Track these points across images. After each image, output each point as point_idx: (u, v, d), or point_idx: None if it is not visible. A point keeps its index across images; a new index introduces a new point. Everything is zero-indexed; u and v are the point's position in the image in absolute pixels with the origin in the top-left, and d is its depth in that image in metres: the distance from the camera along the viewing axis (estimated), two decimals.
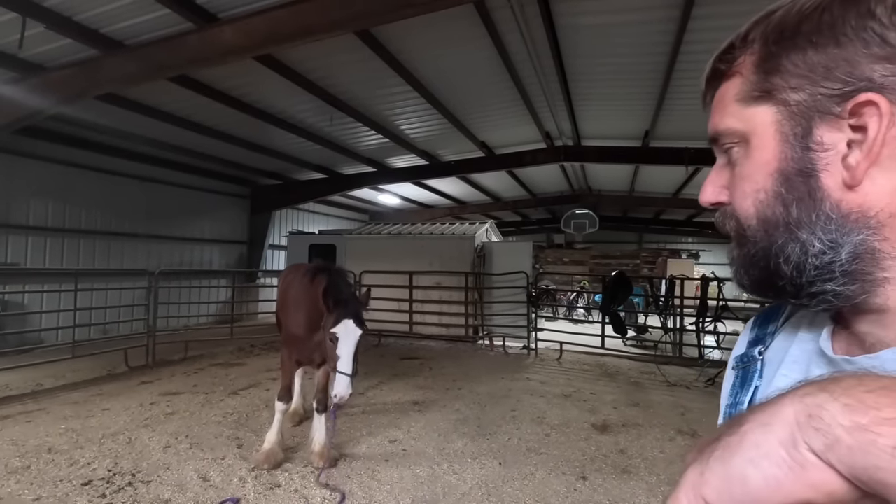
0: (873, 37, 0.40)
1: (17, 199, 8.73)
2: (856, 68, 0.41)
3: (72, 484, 3.60)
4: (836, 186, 0.43)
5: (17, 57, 5.76)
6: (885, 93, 0.40)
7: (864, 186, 0.41)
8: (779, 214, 0.46)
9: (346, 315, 3.30)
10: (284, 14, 4.86)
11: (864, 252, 0.42)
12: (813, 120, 0.43)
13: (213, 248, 13.19)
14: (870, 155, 0.40)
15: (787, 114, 0.45)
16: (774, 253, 0.46)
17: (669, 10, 5.27)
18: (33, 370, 6.63)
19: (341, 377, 3.21)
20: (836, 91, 0.42)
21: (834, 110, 0.42)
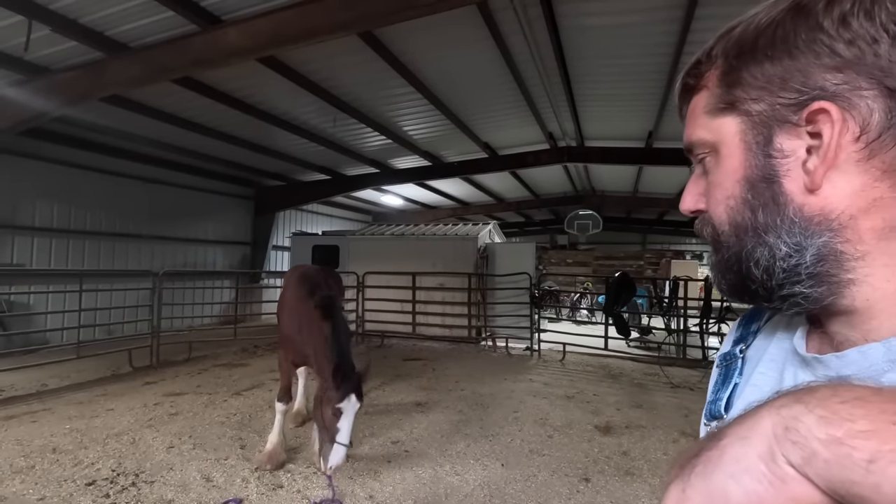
0: (823, 48, 0.42)
1: (22, 200, 8.79)
2: (809, 78, 0.43)
3: (76, 484, 3.62)
4: (798, 191, 0.44)
5: (22, 59, 5.80)
6: (836, 100, 0.41)
7: (825, 190, 0.43)
8: (747, 219, 0.47)
9: (350, 389, 3.33)
10: (288, 16, 4.88)
11: (828, 254, 0.43)
12: (773, 129, 0.45)
13: (217, 249, 13.24)
14: (826, 160, 0.42)
15: (750, 123, 0.47)
16: (745, 257, 0.48)
17: (672, 11, 5.26)
18: (38, 370, 6.67)
19: (339, 448, 3.23)
20: (792, 101, 0.44)
21: (791, 119, 0.44)
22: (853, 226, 0.42)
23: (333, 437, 3.26)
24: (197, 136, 9.23)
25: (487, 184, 15.42)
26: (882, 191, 0.42)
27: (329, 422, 3.31)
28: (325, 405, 3.34)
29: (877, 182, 0.42)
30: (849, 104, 0.41)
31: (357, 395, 3.34)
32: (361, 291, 10.65)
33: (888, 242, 0.42)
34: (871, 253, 0.42)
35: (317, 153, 11.08)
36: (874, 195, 0.42)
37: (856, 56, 0.41)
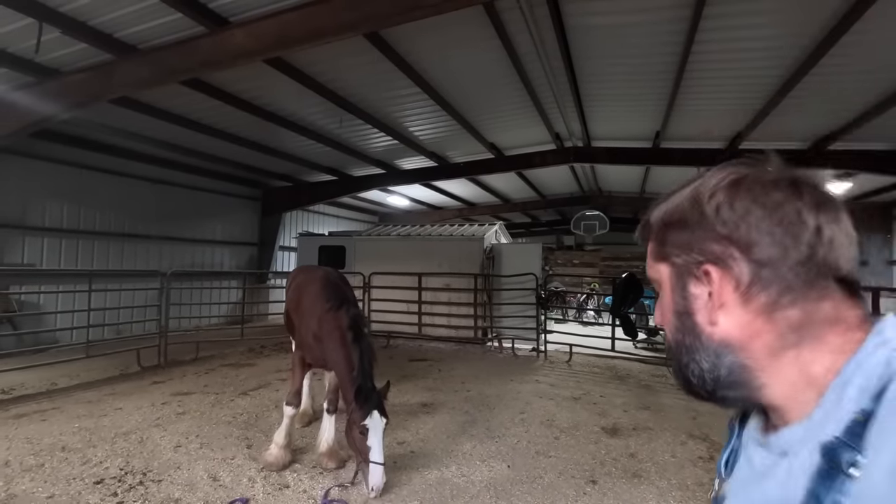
0: (709, 227, 0.59)
1: (33, 201, 8.89)
2: (703, 246, 0.60)
3: (84, 482, 3.64)
4: (705, 323, 0.61)
5: (33, 62, 5.87)
6: (718, 263, 0.59)
7: (721, 324, 0.59)
8: (680, 340, 0.64)
9: (373, 407, 3.39)
10: (294, 17, 4.90)
11: (738, 368, 0.59)
12: (686, 277, 0.62)
13: (224, 250, 13.32)
14: (715, 304, 0.59)
15: (675, 271, 0.64)
16: (684, 367, 0.64)
17: (680, 10, 5.22)
18: (48, 369, 6.74)
19: (375, 468, 3.27)
20: (694, 260, 0.61)
21: (696, 272, 0.61)
22: (749, 348, 0.58)
23: (367, 456, 3.31)
24: (205, 137, 9.29)
25: (493, 184, 15.40)
26: (759, 325, 0.57)
27: (359, 442, 3.37)
28: (352, 427, 3.41)
29: (755, 319, 0.57)
30: (726, 266, 0.58)
31: (380, 412, 3.40)
32: (367, 292, 10.67)
33: (775, 359, 0.57)
34: (767, 367, 0.57)
35: (323, 154, 11.12)
36: (755, 328, 0.57)
37: (728, 233, 0.58)
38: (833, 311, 0.55)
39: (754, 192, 0.58)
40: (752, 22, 5.32)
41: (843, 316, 0.55)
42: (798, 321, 0.56)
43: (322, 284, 4.09)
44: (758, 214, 0.57)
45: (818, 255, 0.55)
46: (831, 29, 5.19)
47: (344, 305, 3.86)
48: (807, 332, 0.56)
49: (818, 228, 0.56)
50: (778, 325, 0.56)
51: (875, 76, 6.24)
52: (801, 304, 0.55)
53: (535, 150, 11.35)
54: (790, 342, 0.56)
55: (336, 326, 3.75)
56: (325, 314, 3.85)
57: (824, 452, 0.51)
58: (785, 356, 0.56)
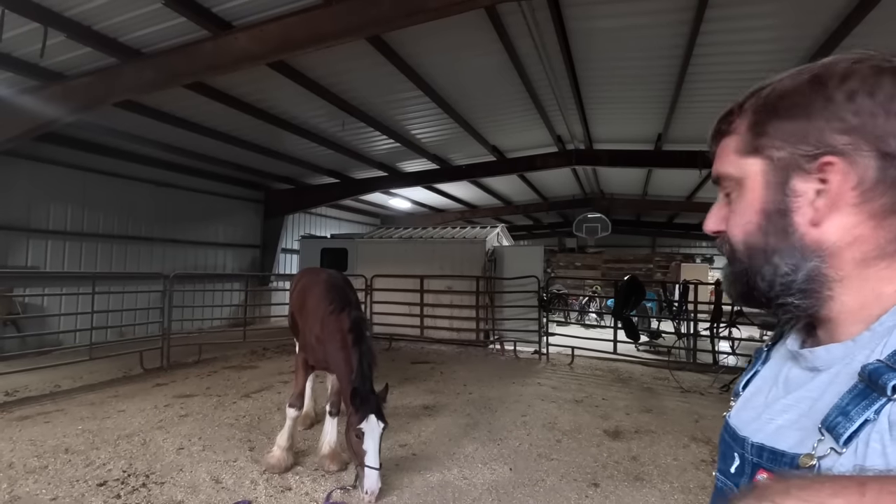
0: (833, 115, 0.54)
1: (37, 203, 8.94)
2: (822, 137, 0.54)
3: (87, 484, 3.66)
4: (804, 224, 0.56)
5: (38, 66, 5.91)
6: (842, 156, 0.53)
7: (824, 225, 0.55)
8: (760, 242, 0.60)
9: (370, 410, 3.37)
10: (297, 21, 4.92)
11: (816, 276, 0.56)
12: (790, 173, 0.57)
13: (227, 252, 13.35)
14: (831, 201, 0.54)
15: (772, 166, 0.58)
16: (754, 272, 0.60)
17: (682, 14, 5.23)
18: (52, 371, 6.76)
19: (370, 472, 3.25)
20: (807, 153, 0.55)
21: (805, 167, 0.55)
22: (839, 255, 0.55)
23: (362, 460, 3.30)
24: (208, 140, 9.34)
25: (495, 187, 15.42)
26: (866, 230, 0.53)
27: (355, 445, 3.36)
28: (349, 430, 3.40)
29: (864, 223, 0.53)
30: (851, 160, 0.53)
31: (377, 416, 3.37)
32: (370, 294, 10.68)
33: (861, 270, 0.54)
34: (848, 277, 0.55)
35: (326, 156, 11.16)
36: (858, 232, 0.54)
37: (859, 124, 0.52)
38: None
39: None
40: (753, 25, 5.33)
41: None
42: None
43: (326, 287, 4.09)
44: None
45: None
46: (833, 32, 5.20)
47: (346, 308, 3.87)
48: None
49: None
50: (885, 232, 0.53)
51: None
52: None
53: (537, 153, 11.37)
54: (887, 253, 0.53)
55: (338, 329, 3.76)
56: (327, 316, 3.86)
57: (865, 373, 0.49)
58: (872, 268, 0.54)
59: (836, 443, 0.50)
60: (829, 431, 0.51)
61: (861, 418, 0.48)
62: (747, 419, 0.65)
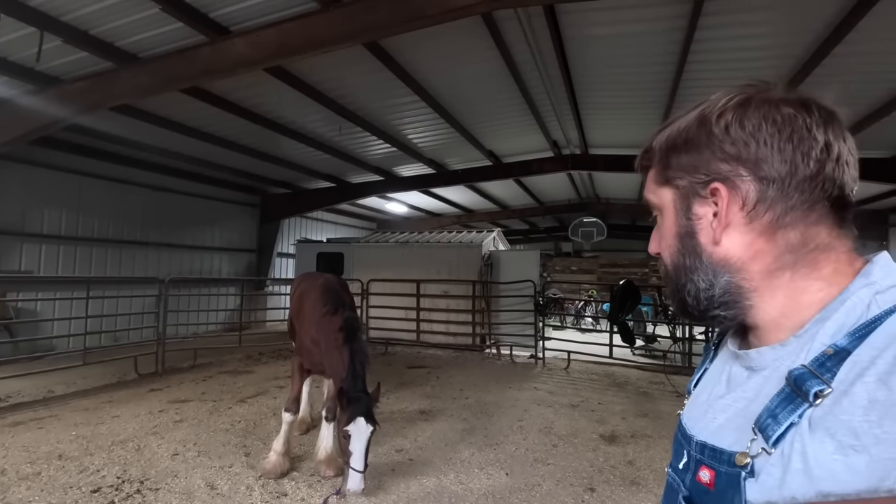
0: (716, 146, 0.61)
1: (31, 207, 8.89)
2: (709, 166, 0.62)
3: (81, 491, 3.63)
4: (707, 243, 0.63)
5: (34, 70, 5.90)
6: (726, 182, 0.60)
7: (724, 244, 0.61)
8: (680, 263, 0.66)
9: (359, 412, 3.34)
10: (294, 27, 4.95)
11: (732, 288, 0.62)
12: (691, 199, 0.64)
13: (223, 257, 13.31)
14: (721, 223, 0.61)
15: (678, 194, 0.66)
16: (681, 289, 0.66)
17: (676, 21, 5.29)
18: (45, 377, 6.71)
19: (354, 473, 3.25)
20: (701, 180, 0.62)
21: (701, 193, 0.63)
22: (746, 269, 0.61)
23: (347, 461, 3.30)
24: (205, 144, 9.33)
25: (492, 191, 15.45)
26: (761, 244, 0.60)
27: (343, 445, 3.35)
28: (339, 429, 3.40)
29: (757, 238, 0.60)
30: (733, 185, 0.60)
31: (366, 419, 3.34)
32: (366, 299, 10.66)
33: (769, 281, 0.60)
34: (760, 287, 0.60)
35: (322, 161, 11.16)
36: (756, 247, 0.60)
37: (736, 153, 0.60)
38: (827, 237, 0.58)
39: (764, 109, 0.59)
40: (746, 32, 5.39)
41: (835, 243, 0.58)
42: (796, 243, 0.58)
43: (321, 291, 4.11)
44: (768, 131, 0.58)
45: (826, 171, 0.57)
46: (825, 39, 5.26)
47: (339, 309, 3.88)
48: (802, 255, 0.58)
49: (827, 144, 0.57)
50: (777, 245, 0.59)
51: (868, 85, 6.32)
52: (801, 226, 0.58)
53: (533, 158, 11.42)
54: (786, 263, 0.59)
55: (331, 330, 3.77)
56: (321, 318, 3.88)
57: (791, 378, 0.53)
58: (779, 278, 0.59)
59: (767, 443, 0.53)
60: (760, 432, 0.54)
61: (787, 422, 0.52)
62: (695, 417, 0.69)
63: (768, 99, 0.60)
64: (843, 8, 4.77)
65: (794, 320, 0.58)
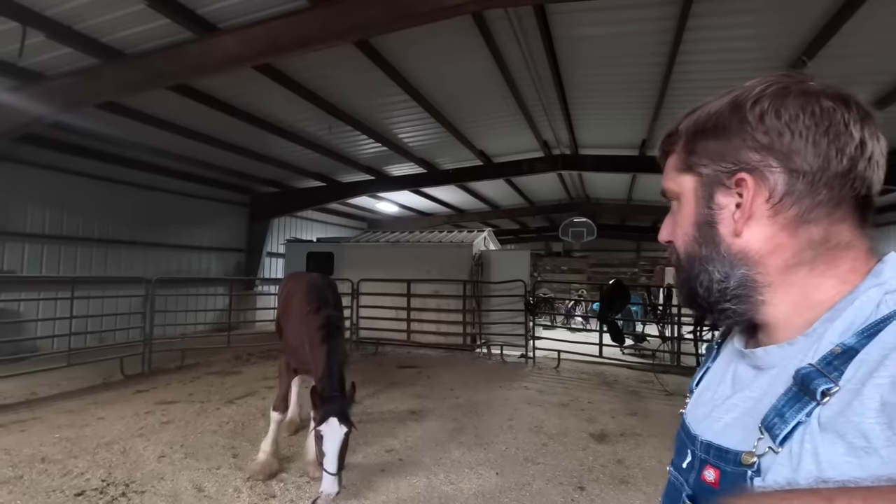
0: (747, 134, 0.59)
1: (14, 206, 8.72)
2: (738, 155, 0.60)
3: (65, 494, 3.56)
4: (728, 234, 0.61)
5: (16, 66, 5.78)
6: (754, 173, 0.59)
7: (745, 235, 0.60)
8: (696, 252, 0.65)
9: (331, 413, 3.23)
10: (284, 24, 4.90)
11: (747, 282, 0.61)
12: (714, 188, 0.63)
13: (211, 256, 13.17)
14: (745, 214, 0.60)
15: (700, 182, 0.64)
16: (693, 278, 0.65)
17: (665, 22, 5.33)
18: (28, 378, 6.59)
19: (326, 475, 3.13)
20: (727, 169, 0.61)
21: (726, 182, 0.61)
22: (763, 262, 0.60)
23: (321, 462, 3.19)
24: (192, 142, 9.22)
25: (482, 191, 15.47)
26: (782, 239, 0.58)
27: (316, 446, 3.25)
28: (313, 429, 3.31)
29: (779, 232, 0.58)
30: (762, 176, 0.58)
31: (340, 420, 3.21)
32: (356, 298, 10.61)
33: (785, 276, 0.59)
34: (775, 283, 0.59)
35: (312, 160, 11.09)
36: (777, 241, 0.59)
37: (769, 143, 0.58)
38: (849, 235, 0.57)
39: (802, 100, 0.57)
40: (734, 34, 5.44)
41: (855, 242, 0.57)
42: (818, 239, 0.57)
43: (306, 290, 4.10)
44: (805, 123, 0.56)
45: (857, 169, 0.56)
46: (811, 41, 5.34)
47: (322, 308, 3.85)
48: (822, 252, 0.57)
49: (862, 142, 0.56)
50: (799, 240, 0.58)
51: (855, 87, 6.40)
52: (825, 222, 0.57)
53: (524, 158, 11.44)
54: (805, 259, 0.58)
55: (313, 328, 3.74)
56: (305, 317, 3.86)
57: (799, 377, 0.53)
58: (795, 274, 0.58)
59: (774, 442, 0.53)
60: (767, 431, 0.54)
61: (794, 420, 0.52)
62: (700, 417, 0.68)
63: (807, 90, 0.58)
64: (828, 10, 4.84)
65: (804, 318, 0.57)
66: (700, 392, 0.74)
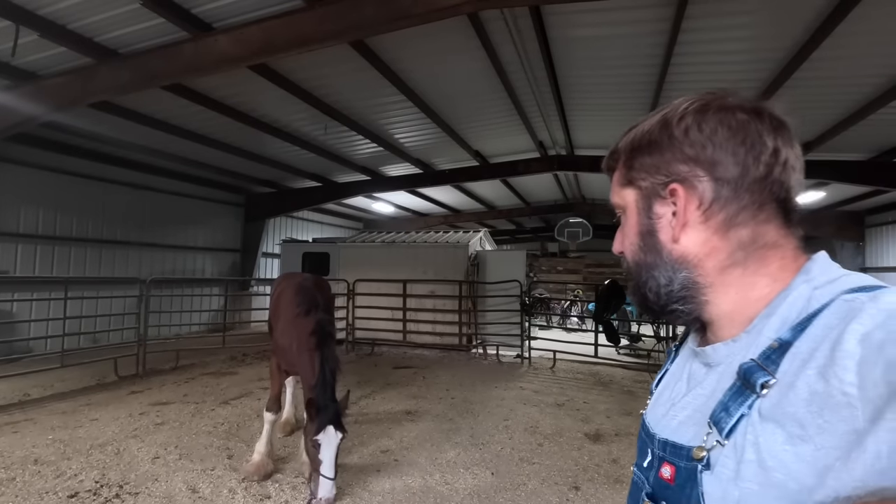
0: (676, 148, 0.64)
1: (7, 206, 8.66)
2: (670, 167, 0.65)
3: (58, 496, 3.54)
4: (667, 241, 0.66)
5: (9, 65, 5.75)
6: (685, 183, 0.64)
7: (682, 241, 0.65)
8: (642, 259, 0.70)
9: (327, 421, 3.28)
10: (279, 24, 4.89)
11: (689, 284, 0.65)
12: (652, 199, 0.68)
13: (206, 256, 13.12)
14: (679, 221, 0.65)
15: (640, 195, 0.69)
16: (642, 285, 0.70)
17: (660, 24, 5.35)
18: (21, 380, 6.55)
19: (324, 481, 3.19)
20: (661, 181, 0.66)
21: (661, 193, 0.66)
22: (702, 265, 0.64)
23: (318, 468, 3.24)
24: (187, 142, 9.18)
25: (478, 191, 15.49)
26: (716, 242, 0.63)
27: (311, 454, 3.29)
28: (307, 439, 3.33)
29: (712, 236, 0.63)
30: (691, 185, 0.63)
31: (335, 426, 3.28)
32: (352, 299, 10.60)
33: (723, 277, 0.63)
34: (714, 283, 0.64)
35: (308, 160, 11.07)
36: (712, 244, 0.63)
37: (694, 155, 0.63)
38: (775, 235, 0.63)
39: (720, 114, 0.63)
40: (728, 36, 5.47)
41: (782, 241, 0.63)
42: (748, 240, 0.62)
43: (296, 290, 4.07)
44: (724, 134, 0.62)
45: (773, 174, 0.62)
46: (804, 44, 5.37)
47: (312, 311, 3.82)
48: (752, 251, 0.62)
49: (776, 149, 0.62)
50: (730, 242, 0.63)
51: (846, 89, 6.47)
52: (752, 224, 0.62)
53: (520, 158, 11.47)
54: (738, 260, 0.63)
55: (303, 332, 3.71)
56: (294, 319, 3.84)
57: (741, 372, 0.57)
58: (731, 274, 0.63)
59: (721, 436, 0.56)
60: (715, 425, 0.58)
61: (738, 413, 0.55)
62: (658, 416, 0.72)
63: (725, 105, 0.64)
64: (820, 14, 4.88)
65: (745, 314, 0.62)
66: (659, 392, 0.77)
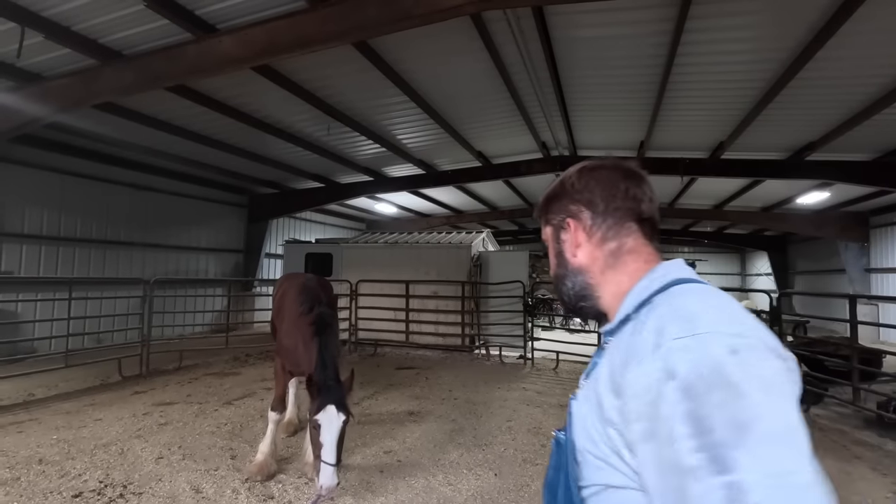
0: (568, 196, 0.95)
1: (12, 207, 8.71)
2: (566, 208, 0.95)
3: (62, 496, 3.55)
4: (570, 257, 0.94)
5: (14, 66, 5.78)
6: (575, 217, 0.93)
7: (578, 256, 0.92)
8: (558, 273, 0.97)
9: (329, 401, 3.16)
10: (282, 25, 4.91)
11: (585, 285, 0.92)
12: (559, 231, 0.97)
13: (210, 257, 13.16)
14: (574, 243, 0.93)
15: (553, 229, 0.98)
16: (560, 290, 0.97)
17: (663, 24, 5.34)
18: (25, 380, 6.57)
19: (325, 467, 3.02)
20: (562, 218, 0.95)
21: (563, 226, 0.95)
22: (591, 271, 0.91)
23: (318, 453, 3.09)
24: (191, 143, 9.21)
25: (481, 192, 15.47)
26: (597, 253, 0.90)
27: (313, 437, 3.17)
28: (309, 419, 3.24)
29: (595, 249, 0.90)
30: (579, 218, 0.92)
31: (338, 407, 3.15)
32: (354, 300, 10.61)
33: (604, 277, 0.89)
34: (600, 283, 0.90)
35: (311, 161, 11.09)
36: (595, 255, 0.90)
37: (579, 198, 0.93)
38: (633, 243, 0.89)
39: (592, 172, 0.94)
40: (731, 36, 5.46)
41: (640, 248, 0.89)
42: (616, 249, 0.89)
43: (298, 290, 4.09)
44: (593, 184, 0.92)
45: (627, 204, 0.89)
46: (808, 44, 5.36)
47: (315, 307, 3.84)
48: (619, 257, 0.89)
49: (627, 188, 0.90)
50: (605, 252, 0.90)
51: (851, 89, 6.44)
52: (617, 238, 0.89)
53: (522, 159, 11.45)
54: (610, 264, 0.89)
55: (305, 326, 3.73)
56: (297, 318, 3.86)
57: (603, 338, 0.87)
58: (607, 275, 0.89)
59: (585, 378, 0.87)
60: (586, 377, 0.87)
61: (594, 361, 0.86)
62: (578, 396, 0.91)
63: (595, 166, 0.95)
64: (824, 14, 4.86)
65: (619, 303, 0.85)
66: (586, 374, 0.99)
